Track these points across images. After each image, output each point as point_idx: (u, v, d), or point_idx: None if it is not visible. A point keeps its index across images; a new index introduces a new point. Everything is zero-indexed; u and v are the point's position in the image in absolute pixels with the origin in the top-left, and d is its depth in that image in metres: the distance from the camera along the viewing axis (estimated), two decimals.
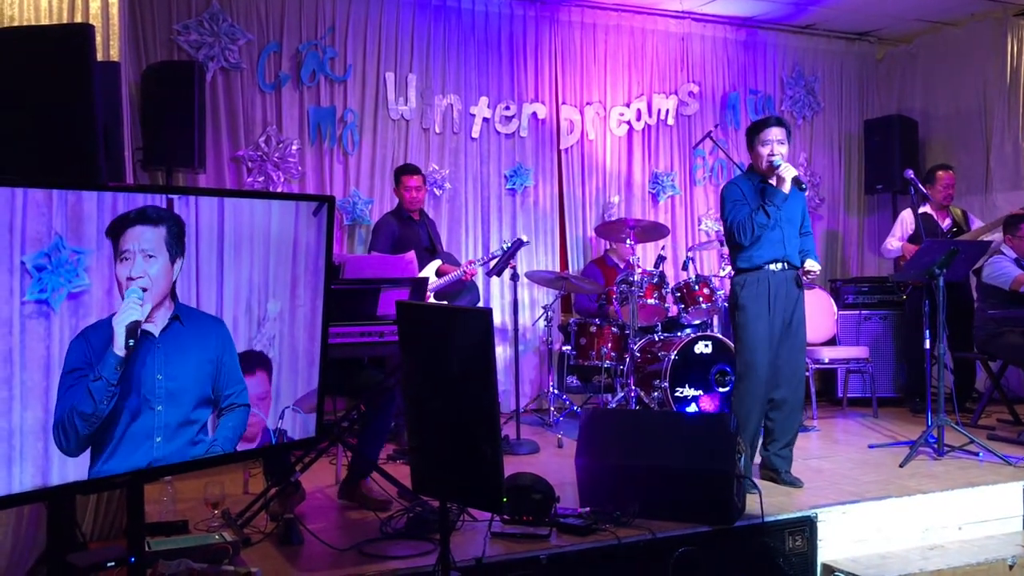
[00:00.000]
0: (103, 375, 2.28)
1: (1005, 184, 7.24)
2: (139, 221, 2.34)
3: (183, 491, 4.06)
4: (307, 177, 6.31)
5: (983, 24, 7.41)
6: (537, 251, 7.01)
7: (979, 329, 5.96)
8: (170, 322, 2.44)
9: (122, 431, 2.36)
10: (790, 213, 4.42)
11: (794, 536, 3.80)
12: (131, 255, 2.32)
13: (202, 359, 2.54)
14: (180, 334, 2.48)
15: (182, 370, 2.49)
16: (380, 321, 3.84)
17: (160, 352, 2.43)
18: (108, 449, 2.35)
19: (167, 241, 2.40)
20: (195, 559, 3.05)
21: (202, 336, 2.54)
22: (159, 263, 2.39)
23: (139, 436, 2.40)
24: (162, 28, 5.86)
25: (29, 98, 2.71)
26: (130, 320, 2.31)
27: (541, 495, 3.59)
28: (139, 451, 2.41)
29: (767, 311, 4.35)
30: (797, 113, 7.93)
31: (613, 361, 6.02)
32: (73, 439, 2.26)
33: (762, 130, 4.41)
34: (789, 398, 4.40)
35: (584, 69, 7.20)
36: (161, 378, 2.44)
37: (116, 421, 2.35)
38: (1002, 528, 4.24)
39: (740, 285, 4.44)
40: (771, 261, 4.38)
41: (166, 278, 2.41)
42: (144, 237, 2.35)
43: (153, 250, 2.37)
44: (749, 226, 4.32)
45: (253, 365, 2.77)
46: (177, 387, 2.48)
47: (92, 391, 2.26)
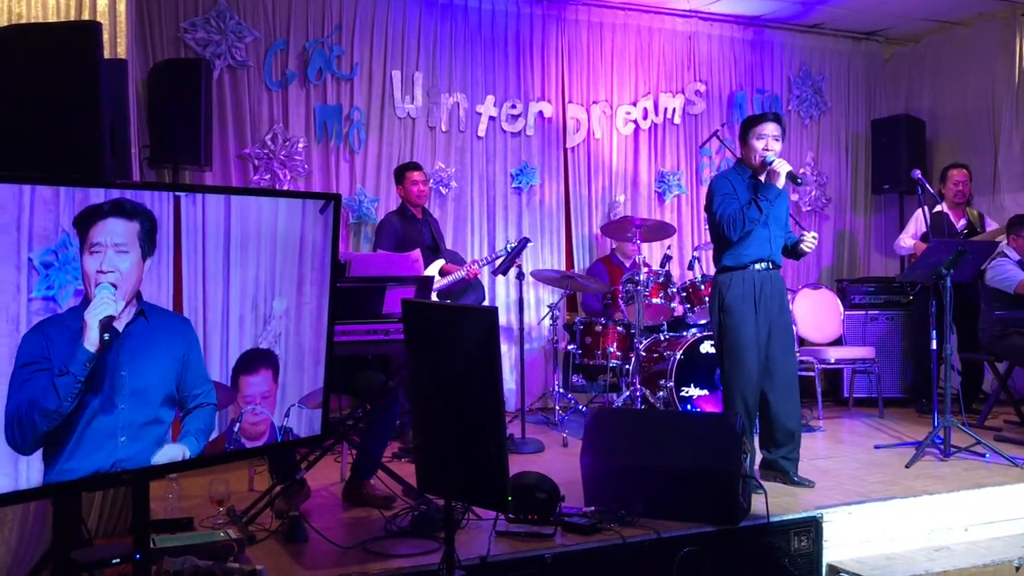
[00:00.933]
0: (71, 370, 2.21)
1: (1013, 185, 7.21)
2: (112, 213, 2.28)
3: (188, 488, 4.07)
4: (313, 175, 6.32)
5: (991, 23, 7.38)
6: (543, 250, 7.01)
7: (985, 330, 5.93)
8: (135, 318, 2.38)
9: (82, 429, 2.29)
10: (777, 212, 4.37)
11: (799, 536, 3.79)
12: (102, 248, 2.26)
13: (168, 357, 2.48)
14: (145, 331, 2.41)
15: (148, 368, 2.43)
16: (386, 319, 3.83)
17: (124, 348, 2.36)
18: (68, 448, 2.26)
19: (140, 237, 2.34)
20: (200, 556, 3.05)
21: (168, 334, 2.48)
22: (131, 258, 2.33)
23: (102, 435, 2.33)
24: (169, 26, 5.87)
25: (36, 95, 2.72)
26: (104, 315, 2.26)
27: (546, 494, 3.59)
28: (102, 450, 2.34)
29: (754, 312, 4.28)
30: (804, 113, 7.91)
31: (619, 360, 6.01)
32: (29, 436, 2.18)
33: (758, 124, 4.33)
34: (785, 400, 4.35)
35: (591, 68, 7.19)
36: (125, 375, 2.37)
37: (77, 419, 2.27)
38: (1009, 530, 4.22)
39: (725, 284, 4.35)
40: (757, 260, 4.32)
41: (136, 274, 2.35)
42: (117, 231, 2.29)
43: (126, 245, 2.32)
44: (740, 220, 4.22)
45: (258, 363, 2.77)
46: (142, 385, 2.41)
47: (57, 386, 2.19)
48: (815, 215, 7.97)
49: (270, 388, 2.83)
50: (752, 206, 4.23)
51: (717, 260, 4.45)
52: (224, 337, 2.67)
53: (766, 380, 4.34)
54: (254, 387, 2.77)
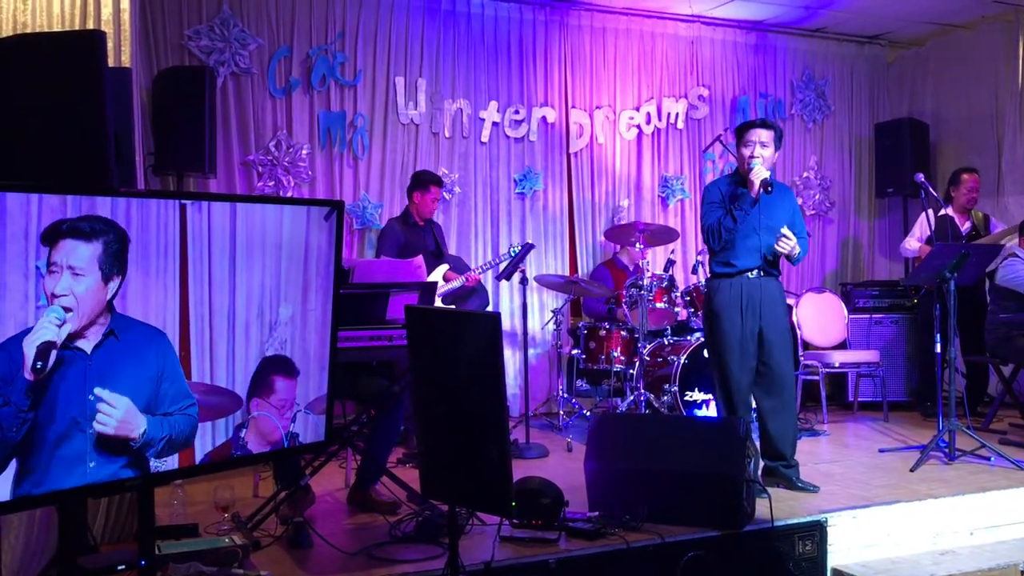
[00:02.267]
0: (12, 400, 2.09)
1: (1017, 187, 7.20)
2: (70, 234, 2.17)
3: (193, 494, 4.08)
4: (317, 182, 6.33)
5: (994, 27, 7.38)
6: (546, 255, 7.02)
7: (990, 333, 5.92)
8: (104, 338, 2.29)
9: (49, 456, 2.19)
10: (771, 220, 4.31)
11: (804, 541, 3.78)
12: (58, 269, 2.16)
13: (141, 375, 2.39)
14: (116, 350, 2.32)
15: (118, 387, 2.33)
16: (389, 325, 3.84)
17: (93, 370, 2.27)
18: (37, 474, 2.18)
19: (100, 259, 2.24)
20: (205, 562, 3.06)
21: (141, 351, 2.39)
22: (87, 282, 2.22)
23: (69, 460, 2.23)
24: (173, 34, 5.90)
25: (41, 104, 2.73)
26: (42, 341, 2.13)
27: (550, 499, 3.59)
28: (72, 475, 2.25)
29: (739, 318, 4.27)
30: (807, 117, 7.91)
31: (623, 365, 6.01)
32: None
33: (745, 131, 4.34)
34: (784, 409, 4.34)
35: (594, 73, 7.20)
36: (93, 398, 2.27)
37: (39, 446, 2.17)
38: (1014, 533, 4.22)
39: (714, 291, 4.37)
40: (747, 269, 4.31)
41: (95, 298, 2.25)
42: (75, 253, 2.19)
43: (83, 268, 2.21)
44: (717, 230, 4.26)
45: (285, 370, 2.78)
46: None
47: (0, 417, 2.07)
48: (819, 219, 7.97)
49: (292, 396, 2.84)
50: (728, 216, 4.24)
51: (709, 267, 4.48)
52: (230, 344, 2.67)
53: (760, 388, 4.35)
54: (281, 393, 2.78)
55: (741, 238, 4.29)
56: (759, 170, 4.21)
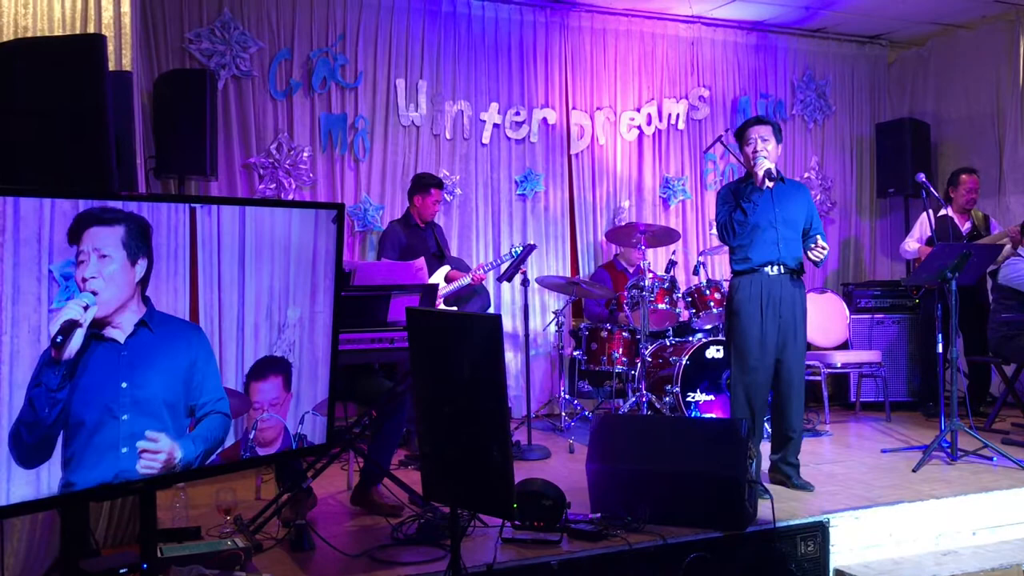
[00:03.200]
0: (42, 381, 2.18)
1: (1019, 187, 7.20)
2: (94, 222, 2.27)
3: (195, 497, 4.09)
4: (318, 184, 6.34)
5: (995, 26, 7.38)
6: (548, 256, 7.02)
7: (993, 332, 5.93)
8: (137, 328, 2.37)
9: (86, 441, 2.28)
10: (787, 213, 4.39)
11: (806, 541, 3.78)
12: (86, 256, 2.25)
13: (174, 367, 2.47)
14: (149, 341, 2.40)
15: (151, 378, 2.41)
16: (391, 328, 3.85)
17: (125, 359, 2.35)
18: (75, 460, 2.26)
19: (124, 241, 2.32)
20: (207, 565, 3.06)
21: (175, 343, 2.47)
22: (115, 263, 2.31)
23: (102, 447, 2.31)
24: (174, 37, 5.90)
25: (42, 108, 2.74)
26: (65, 319, 2.21)
27: (552, 501, 3.59)
28: (103, 462, 2.32)
29: (759, 315, 4.33)
30: (808, 117, 7.91)
31: (624, 366, 6.01)
32: (22, 448, 2.17)
33: (744, 131, 4.44)
34: (792, 405, 4.38)
35: (594, 74, 7.21)
36: (126, 387, 2.36)
37: (76, 432, 2.26)
38: (1016, 533, 4.21)
39: (735, 288, 4.44)
40: (766, 264, 4.37)
41: (124, 278, 2.33)
42: (99, 237, 2.28)
43: (108, 250, 2.29)
44: (729, 225, 4.35)
45: (267, 371, 2.79)
46: (145, 395, 2.40)
47: (32, 399, 2.17)
48: (820, 219, 7.94)
49: (280, 395, 2.84)
50: (737, 210, 4.32)
51: (730, 264, 4.56)
52: (239, 346, 2.69)
53: (776, 383, 4.39)
54: (264, 394, 2.78)
55: (758, 232, 4.35)
56: (763, 161, 4.29)
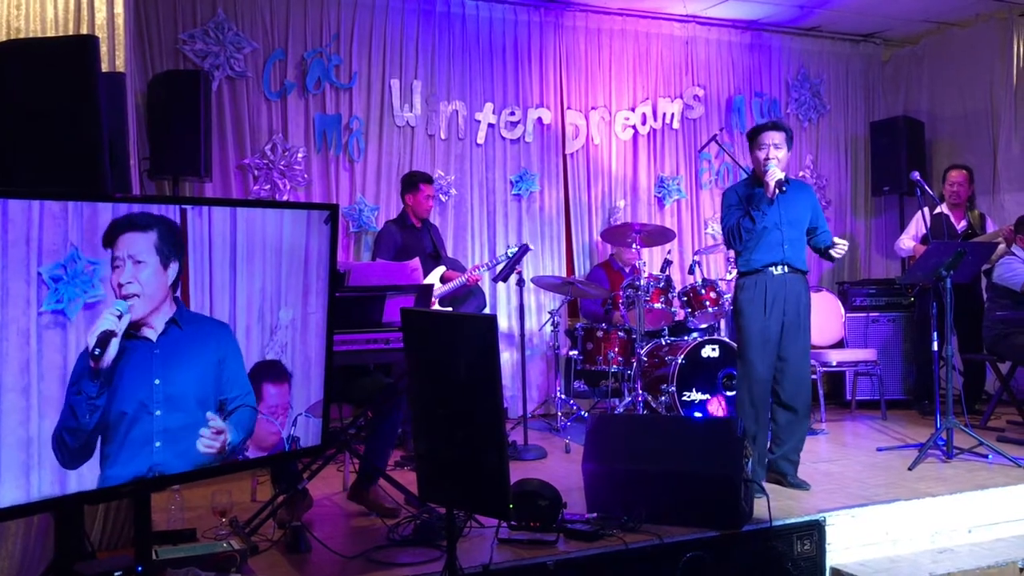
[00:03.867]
0: (82, 389, 2.28)
1: (1013, 185, 7.20)
2: (128, 228, 2.35)
3: (191, 499, 4.07)
4: (313, 185, 6.32)
5: (989, 25, 7.38)
6: (543, 256, 7.01)
7: (987, 330, 5.93)
8: (167, 327, 2.46)
9: (122, 438, 2.38)
10: (792, 215, 4.42)
11: (802, 540, 3.78)
12: (122, 262, 2.34)
13: (204, 362, 2.56)
14: (179, 339, 2.49)
15: (182, 374, 2.50)
16: (386, 328, 3.84)
17: (158, 357, 2.44)
18: (110, 457, 2.36)
19: (157, 245, 2.41)
20: (203, 567, 3.06)
21: (204, 340, 2.56)
22: (149, 268, 2.40)
23: (137, 442, 2.41)
24: (168, 37, 5.88)
25: (35, 109, 2.73)
26: (102, 330, 2.31)
27: (548, 501, 3.59)
28: (138, 457, 2.42)
29: (763, 314, 4.36)
30: (803, 116, 7.92)
31: (620, 366, 6.01)
32: (66, 452, 2.27)
33: (758, 134, 4.43)
34: (795, 402, 4.40)
35: (589, 74, 7.20)
36: (159, 383, 2.45)
37: (113, 429, 2.36)
38: (1012, 531, 4.22)
39: (740, 288, 4.49)
40: (770, 264, 4.39)
41: (158, 282, 2.42)
42: (133, 243, 2.36)
43: (142, 255, 2.38)
44: (737, 232, 4.38)
45: (271, 376, 2.79)
46: (176, 392, 2.49)
47: (74, 405, 2.27)
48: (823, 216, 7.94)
49: (287, 400, 2.85)
50: (746, 217, 4.34)
51: (735, 264, 4.61)
52: None
53: (777, 382, 4.41)
54: (273, 398, 2.79)
55: (762, 234, 4.39)
56: (774, 171, 4.30)
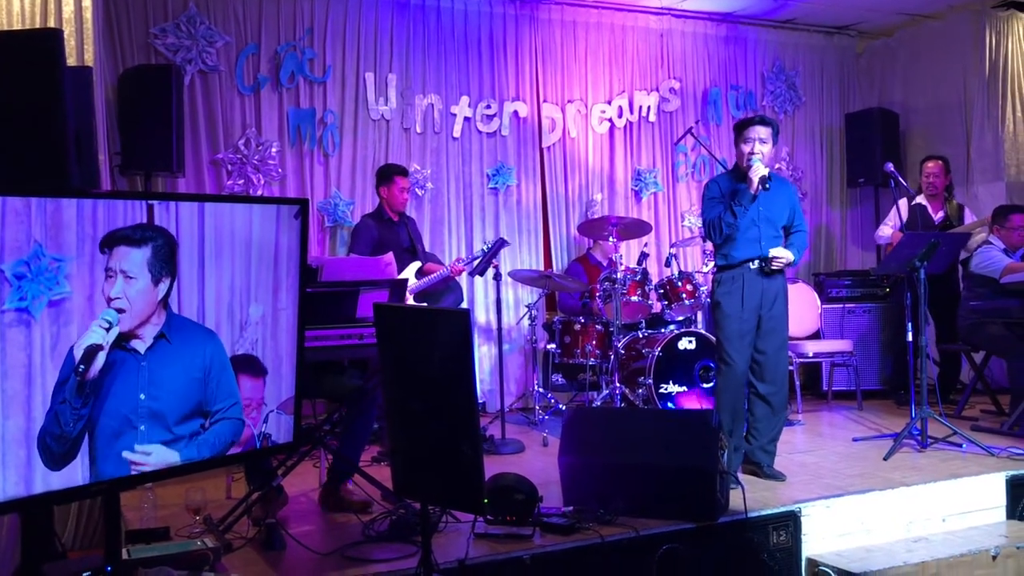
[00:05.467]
0: (67, 399, 2.26)
1: (987, 176, 7.26)
2: (123, 241, 2.34)
3: (165, 497, 4.04)
4: (287, 179, 6.28)
5: (962, 16, 7.43)
6: (521, 250, 7.00)
7: (962, 319, 5.98)
8: (156, 340, 2.44)
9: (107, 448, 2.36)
10: (770, 212, 4.44)
11: (778, 531, 3.80)
12: (114, 274, 2.33)
13: (190, 377, 2.55)
14: (166, 352, 2.48)
15: (167, 389, 2.49)
16: (360, 324, 3.82)
17: (144, 371, 2.43)
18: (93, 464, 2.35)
19: (150, 262, 2.40)
20: (175, 566, 3.02)
21: (191, 351, 2.54)
22: (139, 285, 2.39)
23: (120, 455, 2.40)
24: (139, 32, 5.81)
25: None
26: (88, 344, 2.29)
27: (524, 495, 3.58)
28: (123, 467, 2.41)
29: (740, 308, 4.38)
30: (779, 108, 7.94)
31: (598, 359, 6.01)
32: (51, 455, 2.26)
33: (745, 128, 4.42)
34: (772, 394, 4.42)
35: (565, 67, 7.19)
36: (144, 398, 2.43)
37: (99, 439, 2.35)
38: (985, 519, 4.26)
39: (717, 283, 4.50)
40: (748, 259, 4.40)
41: (147, 299, 2.41)
42: (128, 258, 2.36)
43: (134, 271, 2.37)
44: (718, 225, 4.38)
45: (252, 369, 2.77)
46: (161, 408, 2.48)
47: (58, 413, 2.25)
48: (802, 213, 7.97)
49: (261, 396, 2.82)
50: (727, 211, 4.34)
51: (714, 258, 4.60)
52: None
53: (755, 374, 4.43)
54: (248, 392, 2.76)
55: (741, 230, 4.39)
56: (758, 167, 4.29)
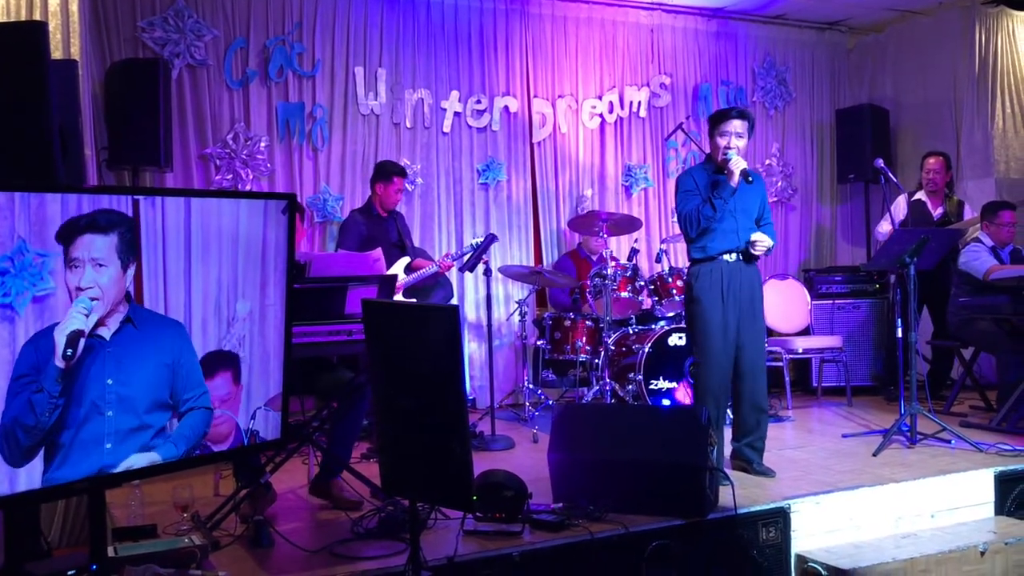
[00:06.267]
0: (44, 387, 2.23)
1: (976, 172, 7.28)
2: (89, 229, 2.29)
3: (152, 494, 4.02)
4: (276, 174, 6.24)
5: (952, 13, 7.44)
6: (511, 245, 6.98)
7: (952, 315, 6.00)
8: (122, 325, 2.40)
9: (71, 438, 2.31)
10: (745, 203, 4.40)
11: (768, 528, 3.80)
12: (81, 263, 2.28)
13: (157, 363, 2.50)
14: (133, 338, 2.43)
15: (135, 375, 2.44)
16: (348, 320, 3.80)
17: (111, 357, 2.38)
18: (59, 457, 2.29)
19: (118, 248, 2.36)
20: (162, 564, 3.00)
21: (157, 339, 2.50)
22: (109, 272, 2.35)
23: (88, 443, 2.36)
24: (126, 25, 5.77)
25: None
26: (71, 329, 2.26)
27: (513, 492, 3.56)
28: (89, 458, 2.36)
29: (720, 302, 4.34)
30: (769, 104, 7.94)
31: (588, 355, 6.00)
32: (16, 450, 2.21)
33: (722, 121, 4.37)
34: (752, 390, 4.40)
35: (555, 62, 7.17)
36: (111, 383, 2.39)
37: (65, 429, 2.30)
38: (974, 515, 4.26)
39: (694, 276, 4.42)
40: (725, 252, 4.36)
41: (117, 286, 2.38)
42: (94, 246, 2.31)
43: (104, 259, 2.33)
44: (696, 218, 4.31)
45: (217, 365, 2.75)
46: (129, 392, 2.43)
47: (33, 403, 2.22)
48: (781, 206, 8.00)
49: (230, 390, 2.80)
50: (707, 204, 4.28)
51: (688, 253, 4.52)
52: None
53: (736, 368, 4.39)
54: (214, 390, 2.74)
55: (717, 222, 4.33)
56: (738, 160, 4.26)
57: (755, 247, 4.35)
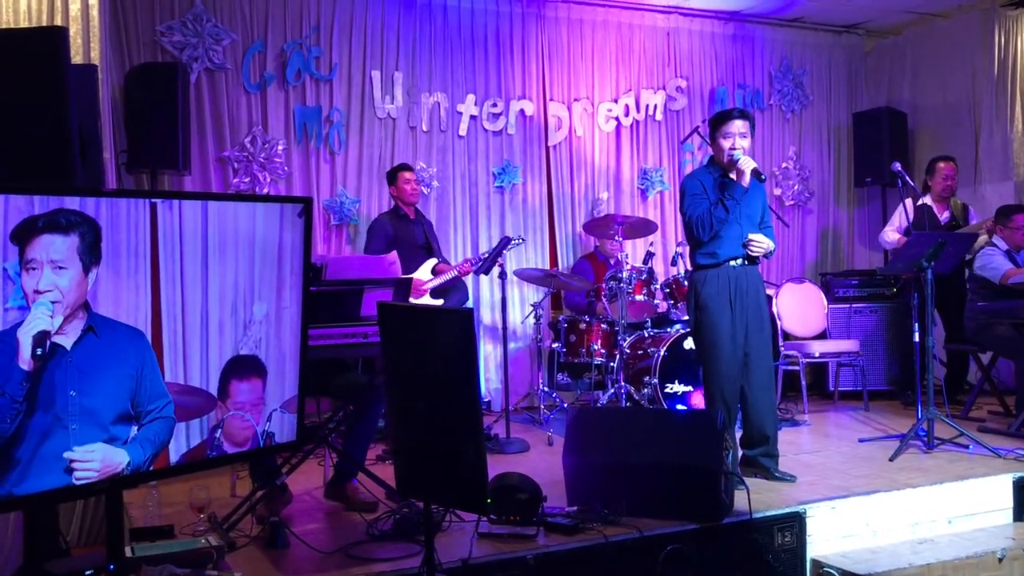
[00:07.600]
0: (7, 391, 2.10)
1: (994, 175, 7.23)
2: (48, 229, 2.16)
3: (169, 495, 4.05)
4: (294, 177, 6.28)
5: (971, 15, 7.40)
6: (526, 248, 6.98)
7: (969, 320, 5.96)
8: (83, 334, 2.28)
9: (32, 451, 2.18)
10: (749, 209, 4.35)
11: (783, 532, 3.78)
12: (38, 265, 2.15)
13: (120, 373, 2.38)
14: (95, 347, 2.31)
15: (98, 385, 2.32)
16: (364, 322, 3.82)
17: (73, 367, 2.26)
18: (17, 471, 2.16)
19: (79, 250, 2.24)
20: (179, 564, 3.03)
21: (120, 349, 2.38)
22: (70, 274, 2.22)
23: (50, 457, 2.22)
24: (145, 29, 5.82)
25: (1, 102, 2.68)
26: (37, 330, 2.15)
27: (528, 494, 3.57)
28: (53, 471, 2.24)
29: (729, 308, 4.28)
30: (786, 107, 7.91)
31: (603, 358, 5.99)
32: None
33: (724, 123, 4.32)
34: (760, 400, 4.35)
35: (571, 65, 7.17)
36: (75, 394, 2.26)
37: (24, 441, 2.17)
38: (992, 521, 4.23)
39: (700, 282, 4.36)
40: (731, 257, 4.31)
41: (78, 290, 2.25)
42: (53, 247, 2.18)
43: (63, 261, 2.21)
44: (708, 221, 4.24)
45: (247, 371, 2.74)
46: (93, 404, 2.31)
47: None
48: (798, 209, 7.98)
49: (260, 396, 2.81)
50: (719, 206, 4.23)
51: (692, 258, 4.46)
52: (204, 343, 2.65)
53: (744, 376, 4.35)
54: (244, 394, 2.75)
55: (725, 228, 4.29)
56: (747, 160, 4.21)
57: (751, 247, 4.28)
